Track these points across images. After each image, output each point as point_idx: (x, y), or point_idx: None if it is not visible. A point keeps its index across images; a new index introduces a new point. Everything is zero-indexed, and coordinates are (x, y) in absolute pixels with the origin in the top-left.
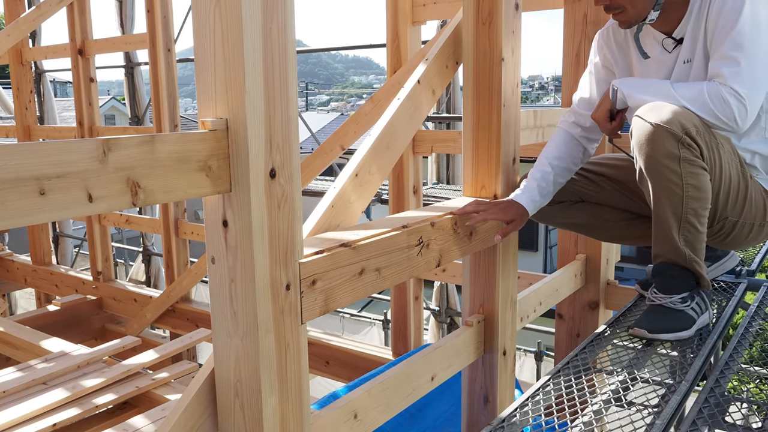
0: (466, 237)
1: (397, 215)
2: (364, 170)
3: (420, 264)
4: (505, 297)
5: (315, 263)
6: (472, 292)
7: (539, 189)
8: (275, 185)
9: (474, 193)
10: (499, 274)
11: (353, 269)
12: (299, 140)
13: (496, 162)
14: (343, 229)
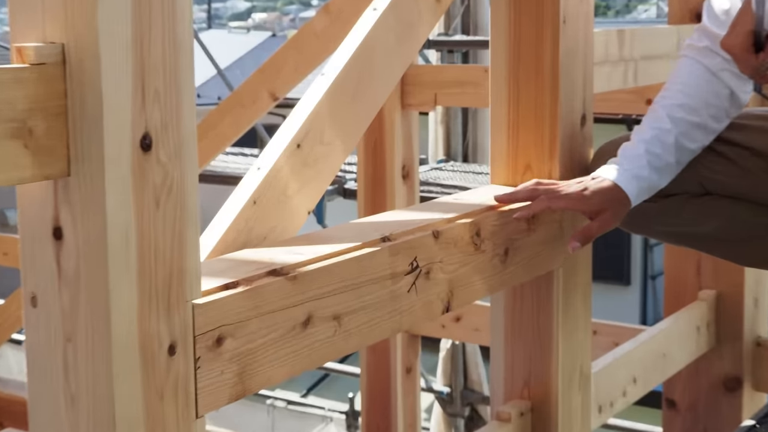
0: (497, 258)
1: (373, 218)
2: (313, 138)
3: (414, 307)
4: (569, 368)
5: (222, 305)
6: (511, 360)
7: (650, 159)
8: (151, 164)
9: (510, 178)
10: (558, 326)
11: (292, 317)
12: (195, 83)
13: (551, 123)
14: (275, 244)
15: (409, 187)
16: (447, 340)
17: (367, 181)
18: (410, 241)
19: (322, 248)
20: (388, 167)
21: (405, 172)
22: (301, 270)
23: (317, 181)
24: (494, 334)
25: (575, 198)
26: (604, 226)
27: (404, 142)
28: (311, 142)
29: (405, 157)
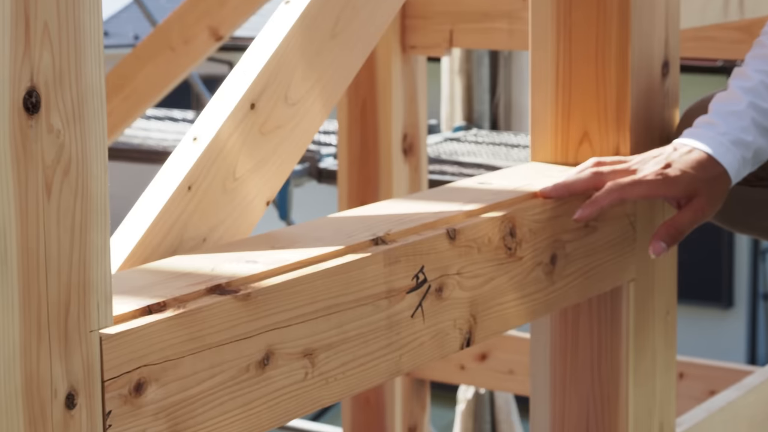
0: (540, 268)
1: (361, 211)
2: (274, 95)
3: (420, 339)
4: (644, 427)
5: (143, 337)
6: (561, 416)
7: (756, 116)
8: (39, 133)
9: (559, 153)
10: (628, 366)
11: (245, 353)
12: (103, 15)
13: (618, 73)
14: (219, 249)
15: (412, 165)
16: (468, 388)
17: (352, 158)
18: (415, 243)
19: (287, 255)
20: (382, 138)
21: (407, 144)
22: (257, 286)
23: (280, 157)
24: (536, 379)
25: (656, 182)
26: (697, 217)
27: (406, 102)
28: (271, 101)
29: (407, 123)
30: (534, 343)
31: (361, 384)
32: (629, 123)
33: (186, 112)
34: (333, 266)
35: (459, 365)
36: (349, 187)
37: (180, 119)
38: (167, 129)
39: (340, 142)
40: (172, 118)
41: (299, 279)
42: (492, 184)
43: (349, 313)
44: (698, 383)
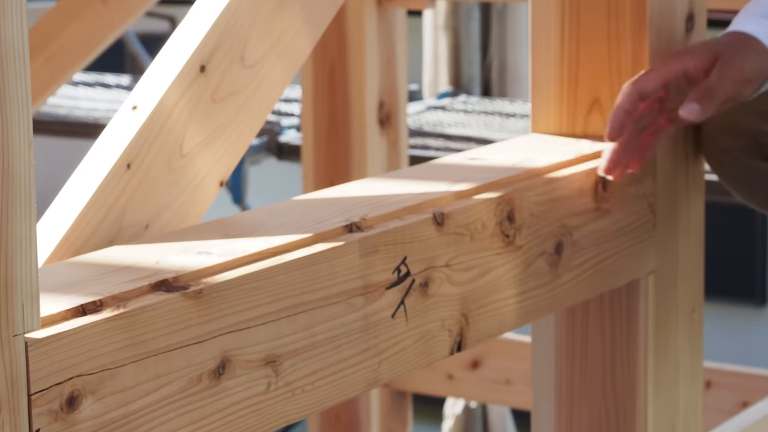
0: (543, 258)
1: (332, 192)
2: (228, 54)
3: (403, 343)
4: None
5: (76, 342)
6: (565, 428)
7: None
8: None
9: (565, 121)
10: (646, 374)
11: (196, 360)
12: None
13: (634, 27)
14: (164, 238)
15: (390, 139)
16: (456, 401)
17: (318, 131)
18: (395, 230)
19: (244, 244)
20: (354, 106)
21: (384, 114)
22: (210, 281)
23: (235, 129)
24: (538, 390)
25: (670, 58)
26: (725, 75)
27: (382, 64)
28: (224, 63)
29: (383, 88)
30: (536, 348)
31: (333, 397)
32: None
33: (120, 77)
34: (299, 258)
35: (446, 374)
36: (316, 164)
37: (113, 85)
38: (98, 97)
39: (304, 112)
40: (103, 84)
41: (259, 273)
42: (486, 160)
43: (319, 312)
44: (728, 393)
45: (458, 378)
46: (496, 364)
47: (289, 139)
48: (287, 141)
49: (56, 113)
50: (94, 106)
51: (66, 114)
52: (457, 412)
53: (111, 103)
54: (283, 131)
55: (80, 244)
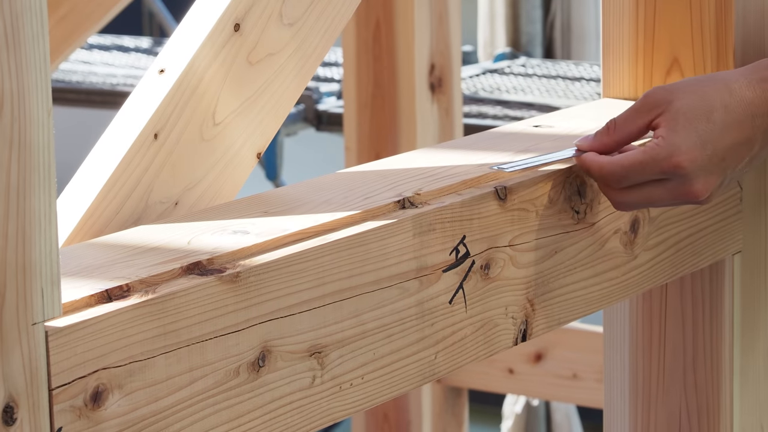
0: (618, 237)
1: (381, 165)
2: (265, 12)
3: (462, 332)
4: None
5: (101, 331)
6: (642, 428)
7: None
8: None
9: (641, 85)
10: (733, 366)
11: (232, 351)
12: None
13: None
14: (196, 216)
15: (443, 106)
16: (517, 398)
17: (361, 98)
18: (453, 207)
19: (285, 222)
20: (402, 70)
21: (435, 78)
22: (248, 263)
23: (274, 96)
24: (611, 386)
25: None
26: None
27: (433, 22)
28: (261, 21)
29: (435, 50)
30: (608, 338)
31: (384, 392)
32: (733, 46)
33: (139, 39)
34: (346, 237)
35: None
36: (359, 136)
37: (132, 48)
38: (116, 62)
39: (346, 77)
40: (121, 47)
41: (302, 254)
42: (553, 128)
43: (368, 298)
44: None
45: (519, 372)
46: (562, 357)
47: (329, 107)
48: (326, 109)
49: (69, 80)
50: (111, 72)
51: (80, 80)
52: (517, 410)
53: (129, 69)
54: (322, 98)
55: (103, 223)
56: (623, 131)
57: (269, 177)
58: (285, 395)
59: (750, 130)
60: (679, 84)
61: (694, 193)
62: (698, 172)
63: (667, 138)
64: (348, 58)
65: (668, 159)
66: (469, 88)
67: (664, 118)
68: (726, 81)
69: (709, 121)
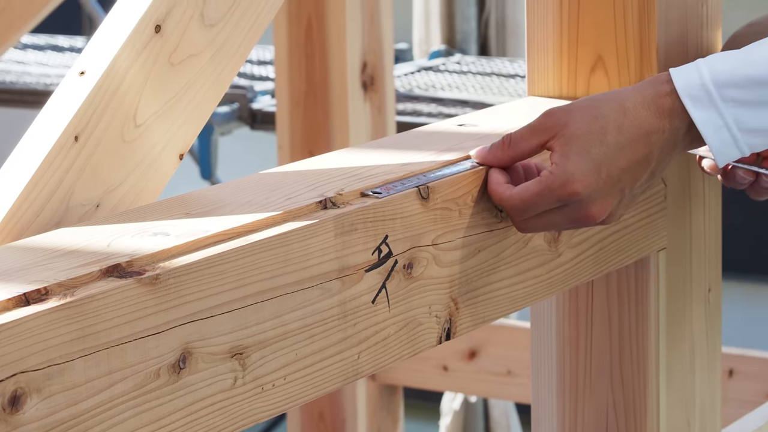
0: (542, 235)
1: (305, 165)
2: (186, 12)
3: (385, 332)
4: None
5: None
6: (570, 423)
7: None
8: None
9: (565, 83)
10: (658, 362)
11: (153, 353)
12: None
13: None
14: (117, 218)
15: (375, 104)
16: (454, 395)
17: (294, 96)
18: (375, 206)
19: (206, 224)
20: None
21: (367, 76)
22: (168, 265)
23: (196, 96)
24: (538, 383)
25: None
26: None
27: (365, 20)
28: (183, 22)
29: (367, 47)
30: (535, 335)
31: (307, 392)
32: (656, 44)
33: (74, 39)
34: (267, 238)
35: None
36: (292, 134)
37: (67, 48)
38: (50, 61)
39: (278, 75)
40: (56, 47)
41: (222, 255)
42: (477, 127)
43: (290, 299)
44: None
45: (454, 370)
46: (496, 354)
47: (263, 105)
48: (261, 108)
49: (2, 80)
50: (45, 72)
51: (14, 81)
52: (455, 407)
53: (64, 69)
54: (256, 97)
55: (23, 225)
56: (518, 149)
57: (204, 176)
58: (206, 397)
59: (645, 147)
60: (576, 104)
61: (592, 216)
62: (594, 195)
63: (560, 165)
64: (280, 57)
65: (563, 187)
66: (404, 85)
67: (558, 142)
68: (620, 100)
69: (603, 144)
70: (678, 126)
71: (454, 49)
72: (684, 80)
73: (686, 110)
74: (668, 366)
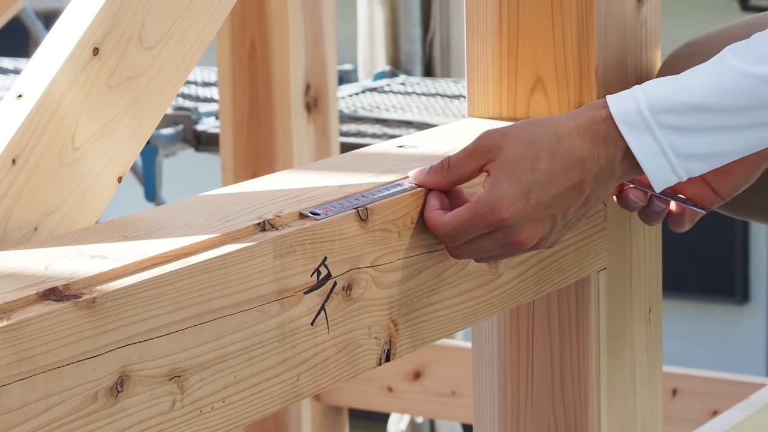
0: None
1: (246, 187)
2: (123, 34)
3: (324, 353)
4: None
5: None
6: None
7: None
8: None
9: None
10: (599, 382)
11: (91, 377)
12: None
13: None
14: (55, 241)
15: (319, 126)
16: (401, 417)
17: (237, 118)
18: (314, 228)
19: (144, 246)
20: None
21: (311, 97)
22: (105, 289)
23: (134, 119)
24: (480, 402)
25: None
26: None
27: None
28: (121, 44)
29: (310, 69)
30: (477, 356)
31: (246, 414)
32: (595, 65)
33: (19, 61)
34: (205, 260)
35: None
36: (236, 156)
37: (11, 70)
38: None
39: (222, 97)
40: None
41: (161, 278)
42: (416, 148)
43: (228, 321)
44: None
45: (399, 390)
46: (440, 375)
47: (208, 127)
48: (205, 130)
49: None
50: None
51: None
52: (402, 428)
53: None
54: (201, 119)
55: None
56: (456, 172)
57: (149, 198)
58: (144, 420)
59: (579, 174)
60: (511, 129)
61: (521, 242)
62: (522, 221)
63: (490, 191)
64: (223, 78)
65: (491, 213)
66: (348, 106)
67: (493, 166)
68: (555, 126)
69: (534, 171)
70: (614, 152)
71: (398, 70)
72: (620, 106)
73: (622, 136)
74: (609, 385)
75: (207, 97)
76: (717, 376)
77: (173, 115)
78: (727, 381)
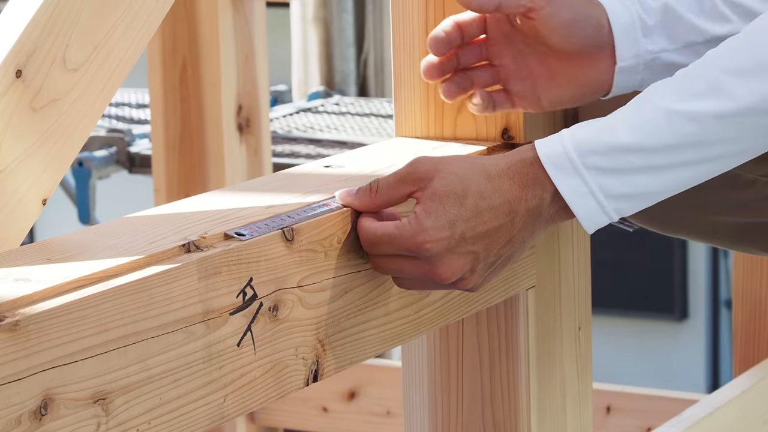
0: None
1: (172, 208)
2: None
3: (251, 375)
4: None
5: None
6: None
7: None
8: None
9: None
10: (528, 400)
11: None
12: None
13: None
14: None
15: (251, 147)
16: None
17: (169, 139)
18: (239, 249)
19: (67, 269)
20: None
21: (243, 118)
22: (28, 312)
23: (58, 141)
24: (410, 422)
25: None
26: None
27: (240, 62)
28: (44, 67)
29: (242, 90)
30: (407, 375)
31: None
32: None
33: None
34: (128, 282)
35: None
36: (168, 177)
37: None
38: None
39: (154, 118)
40: None
41: (84, 300)
42: (343, 168)
43: (153, 343)
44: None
45: (334, 411)
46: (375, 394)
47: (141, 149)
48: (139, 151)
49: None
50: None
51: None
52: None
53: None
54: (134, 141)
55: None
56: (384, 196)
57: (82, 220)
58: None
59: (506, 216)
60: (444, 162)
61: (440, 275)
62: (443, 254)
63: (418, 217)
64: (155, 100)
65: (413, 238)
66: (282, 127)
67: (423, 194)
68: (486, 167)
69: (462, 206)
70: (542, 195)
71: (333, 90)
72: (547, 149)
73: (550, 179)
74: (539, 403)
75: (141, 119)
76: (651, 392)
77: (107, 137)
78: (661, 398)
